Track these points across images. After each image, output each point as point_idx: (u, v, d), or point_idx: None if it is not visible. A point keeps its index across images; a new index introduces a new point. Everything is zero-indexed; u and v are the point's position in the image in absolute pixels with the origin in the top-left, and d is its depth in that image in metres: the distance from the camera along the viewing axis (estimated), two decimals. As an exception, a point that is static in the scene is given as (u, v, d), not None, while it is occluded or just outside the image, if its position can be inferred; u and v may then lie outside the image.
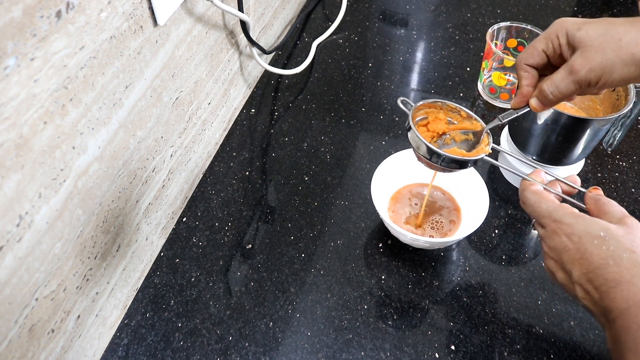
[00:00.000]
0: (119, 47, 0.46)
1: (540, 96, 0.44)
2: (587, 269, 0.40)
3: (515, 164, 0.65)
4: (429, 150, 0.48)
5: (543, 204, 0.45)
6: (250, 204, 0.67)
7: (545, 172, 0.49)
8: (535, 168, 0.49)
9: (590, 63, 0.40)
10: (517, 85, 0.46)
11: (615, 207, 0.43)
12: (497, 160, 0.71)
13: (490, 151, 0.49)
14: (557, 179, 0.48)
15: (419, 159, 0.51)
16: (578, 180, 0.48)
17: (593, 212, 0.44)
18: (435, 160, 0.48)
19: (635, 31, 0.39)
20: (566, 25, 0.40)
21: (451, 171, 0.50)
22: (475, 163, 0.49)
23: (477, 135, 0.51)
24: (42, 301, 0.43)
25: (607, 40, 0.38)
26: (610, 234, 0.40)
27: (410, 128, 0.49)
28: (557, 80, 0.42)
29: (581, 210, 0.45)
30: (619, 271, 0.39)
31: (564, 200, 0.48)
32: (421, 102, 0.51)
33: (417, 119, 0.52)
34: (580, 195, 0.47)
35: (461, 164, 0.49)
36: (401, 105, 0.51)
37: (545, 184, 0.48)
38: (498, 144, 0.69)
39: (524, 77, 0.45)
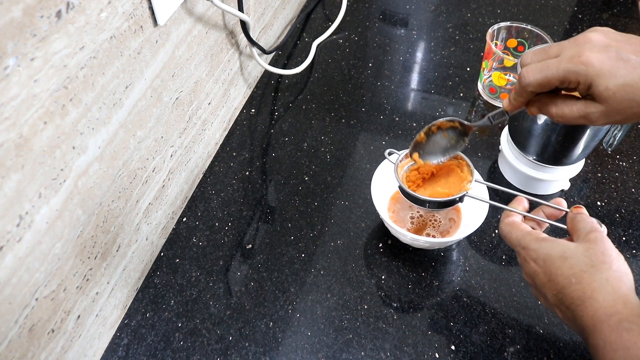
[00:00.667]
0: (119, 47, 0.46)
1: (543, 109, 0.44)
2: (555, 290, 0.41)
3: (515, 165, 0.65)
4: (417, 199, 0.53)
5: (513, 233, 0.46)
6: (250, 204, 0.67)
7: (528, 198, 0.49)
8: (518, 195, 0.50)
9: (610, 120, 0.40)
10: (514, 92, 0.45)
11: (585, 224, 0.43)
12: (496, 160, 0.71)
13: (470, 188, 0.52)
14: (542, 204, 0.49)
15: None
16: (563, 202, 0.48)
17: (570, 231, 0.45)
18: (423, 205, 0.53)
19: None
20: (592, 75, 0.39)
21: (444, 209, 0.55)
22: (461, 200, 0.52)
23: (464, 127, 0.52)
24: (42, 301, 0.43)
25: (631, 105, 0.38)
26: (570, 253, 0.41)
27: (399, 185, 0.54)
28: (568, 116, 0.42)
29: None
30: (582, 288, 0.39)
31: (550, 226, 0.48)
32: (404, 153, 0.55)
33: (407, 165, 0.56)
34: None
35: (449, 204, 0.53)
36: (388, 158, 0.56)
37: (527, 210, 0.48)
38: (498, 144, 0.69)
39: (524, 97, 0.44)
